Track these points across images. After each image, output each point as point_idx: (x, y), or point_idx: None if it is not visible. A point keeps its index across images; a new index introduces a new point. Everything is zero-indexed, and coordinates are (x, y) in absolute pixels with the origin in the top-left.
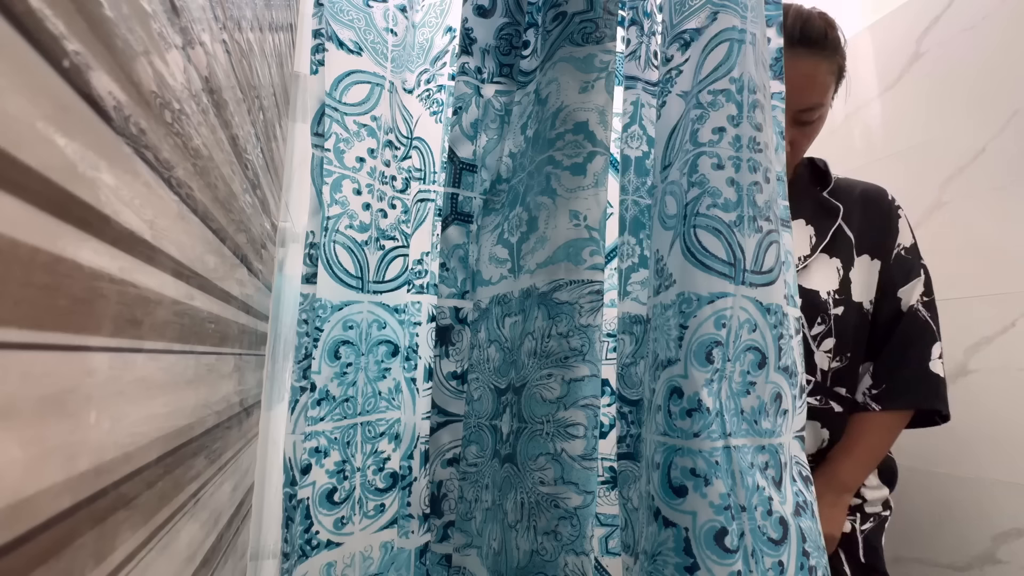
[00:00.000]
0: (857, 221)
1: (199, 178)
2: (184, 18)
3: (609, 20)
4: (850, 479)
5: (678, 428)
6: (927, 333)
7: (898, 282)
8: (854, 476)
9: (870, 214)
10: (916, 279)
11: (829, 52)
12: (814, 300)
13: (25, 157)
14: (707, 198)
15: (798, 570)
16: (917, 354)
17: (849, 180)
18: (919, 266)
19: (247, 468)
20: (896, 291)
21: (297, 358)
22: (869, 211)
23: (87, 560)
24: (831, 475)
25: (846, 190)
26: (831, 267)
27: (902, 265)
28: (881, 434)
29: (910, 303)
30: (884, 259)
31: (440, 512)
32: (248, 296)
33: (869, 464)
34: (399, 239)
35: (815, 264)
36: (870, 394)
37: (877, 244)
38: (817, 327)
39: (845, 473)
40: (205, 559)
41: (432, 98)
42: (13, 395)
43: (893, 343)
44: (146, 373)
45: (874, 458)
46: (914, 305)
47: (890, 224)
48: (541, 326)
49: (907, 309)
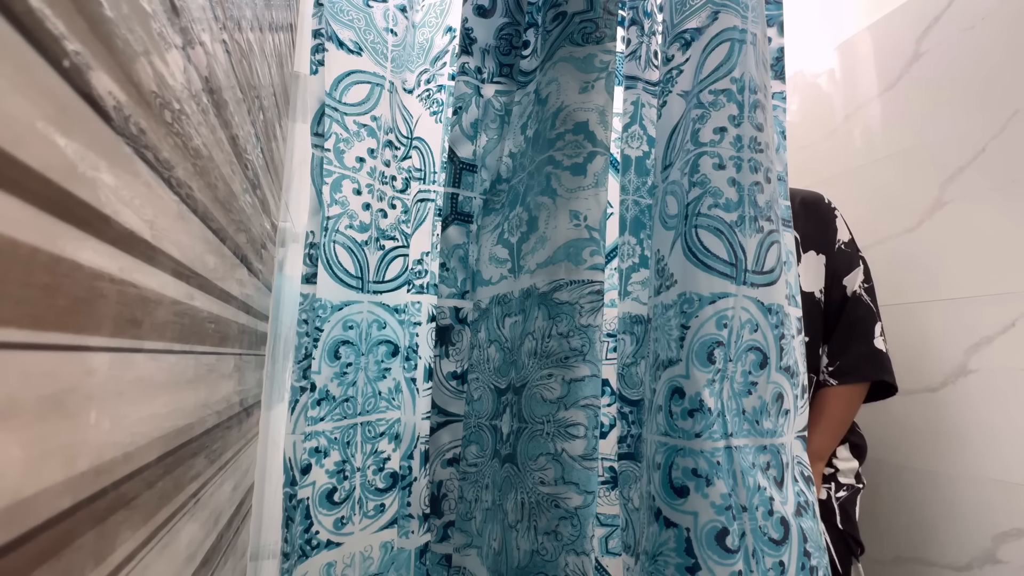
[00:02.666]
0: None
1: (199, 178)
2: (184, 18)
3: (609, 20)
4: (819, 447)
5: (679, 428)
6: (870, 314)
7: (841, 272)
8: (823, 444)
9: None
10: (856, 268)
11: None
12: None
13: (25, 157)
14: (708, 198)
15: (799, 570)
16: (863, 333)
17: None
18: (858, 257)
19: (247, 468)
20: (841, 280)
21: (297, 358)
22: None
23: (87, 560)
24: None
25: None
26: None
27: (844, 257)
28: (841, 405)
29: (853, 289)
30: (827, 253)
31: (440, 512)
32: (248, 296)
33: (835, 433)
34: (399, 239)
35: None
36: (827, 371)
37: (819, 241)
38: None
39: (815, 442)
40: (205, 559)
41: (432, 98)
42: (13, 395)
43: (841, 326)
44: (146, 373)
45: (839, 427)
46: (857, 291)
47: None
48: (541, 326)
49: (852, 295)
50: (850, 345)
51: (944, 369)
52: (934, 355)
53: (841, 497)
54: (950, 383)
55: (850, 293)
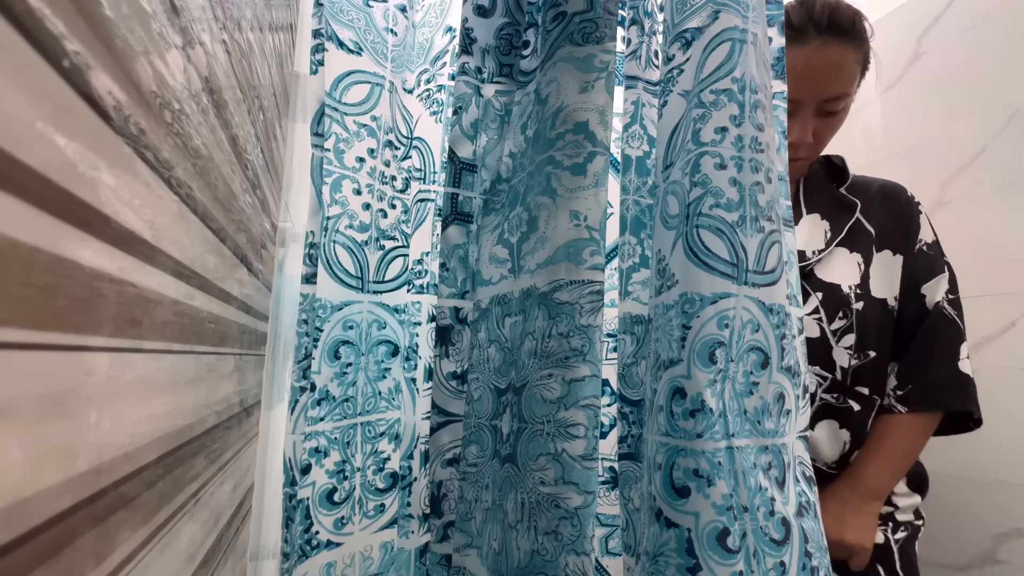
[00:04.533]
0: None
1: (199, 178)
2: (184, 18)
3: (609, 20)
4: (877, 484)
5: (680, 429)
6: (954, 331)
7: (921, 278)
8: (881, 481)
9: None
10: (940, 275)
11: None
12: (836, 293)
13: (25, 157)
14: (710, 198)
15: (800, 570)
16: (945, 353)
17: (866, 177)
18: (943, 263)
19: (247, 468)
20: (920, 287)
21: (297, 358)
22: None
23: (87, 560)
24: (856, 480)
25: (863, 186)
26: (852, 261)
27: (925, 261)
28: (908, 437)
29: (935, 300)
30: (906, 254)
31: (440, 512)
32: (248, 296)
33: (897, 469)
34: (399, 239)
35: (834, 258)
36: (895, 395)
37: (898, 239)
38: (838, 322)
39: (871, 478)
40: (205, 559)
41: (432, 98)
42: (13, 395)
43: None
44: (146, 373)
45: (902, 463)
46: (940, 302)
47: (911, 219)
48: (541, 326)
49: (932, 306)
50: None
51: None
52: None
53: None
54: None
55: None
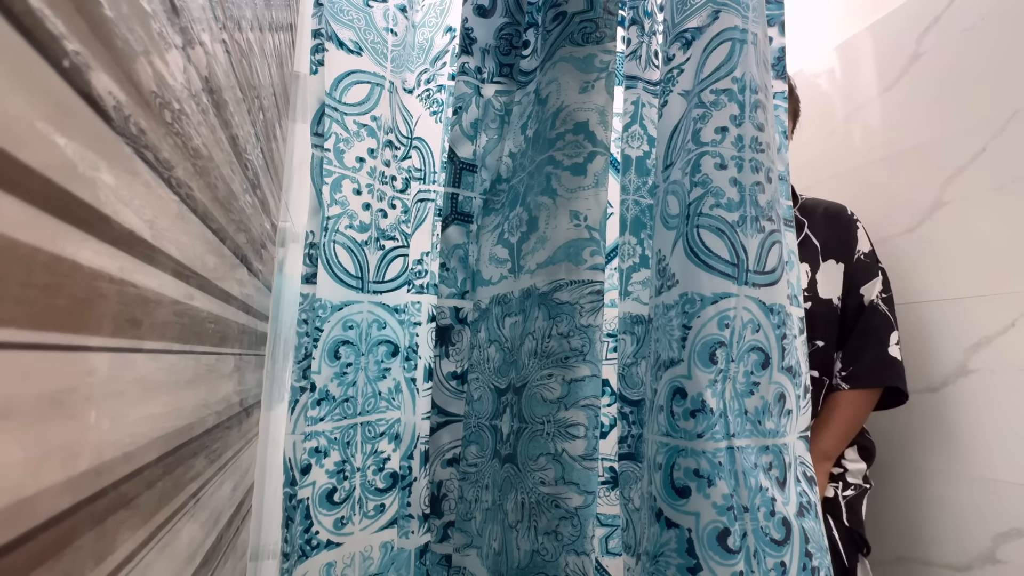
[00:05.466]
0: (822, 232)
1: (199, 178)
2: (184, 18)
3: (609, 20)
4: (828, 448)
5: (681, 429)
6: (886, 323)
7: (859, 281)
8: (832, 445)
9: (833, 226)
10: (875, 278)
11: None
12: None
13: (25, 157)
14: (710, 198)
15: (800, 570)
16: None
17: (814, 199)
18: (877, 268)
19: (247, 468)
20: (859, 289)
21: (297, 358)
22: (832, 224)
23: (87, 560)
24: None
25: (811, 207)
26: (801, 270)
27: (862, 267)
28: (852, 409)
29: (871, 298)
30: (847, 262)
31: (440, 512)
32: (248, 296)
33: (844, 435)
34: (399, 239)
35: None
36: (840, 376)
37: (840, 250)
38: None
39: (823, 442)
40: (205, 559)
41: (432, 98)
42: (13, 395)
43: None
44: (146, 373)
45: (848, 430)
46: (874, 300)
47: (850, 234)
48: (541, 326)
49: (868, 304)
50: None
51: (944, 369)
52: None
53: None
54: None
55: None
